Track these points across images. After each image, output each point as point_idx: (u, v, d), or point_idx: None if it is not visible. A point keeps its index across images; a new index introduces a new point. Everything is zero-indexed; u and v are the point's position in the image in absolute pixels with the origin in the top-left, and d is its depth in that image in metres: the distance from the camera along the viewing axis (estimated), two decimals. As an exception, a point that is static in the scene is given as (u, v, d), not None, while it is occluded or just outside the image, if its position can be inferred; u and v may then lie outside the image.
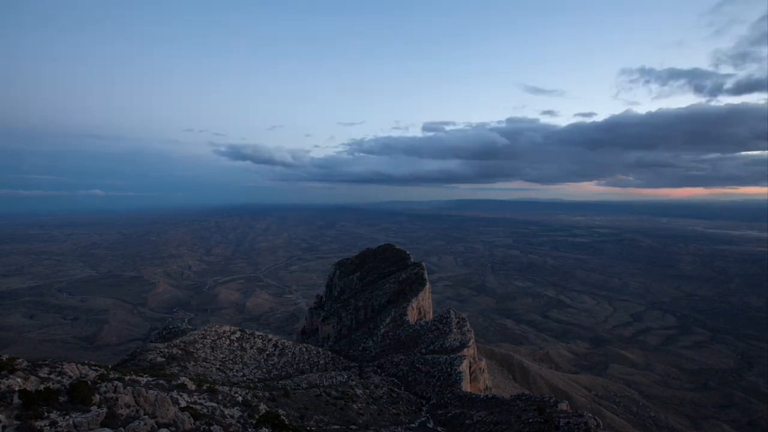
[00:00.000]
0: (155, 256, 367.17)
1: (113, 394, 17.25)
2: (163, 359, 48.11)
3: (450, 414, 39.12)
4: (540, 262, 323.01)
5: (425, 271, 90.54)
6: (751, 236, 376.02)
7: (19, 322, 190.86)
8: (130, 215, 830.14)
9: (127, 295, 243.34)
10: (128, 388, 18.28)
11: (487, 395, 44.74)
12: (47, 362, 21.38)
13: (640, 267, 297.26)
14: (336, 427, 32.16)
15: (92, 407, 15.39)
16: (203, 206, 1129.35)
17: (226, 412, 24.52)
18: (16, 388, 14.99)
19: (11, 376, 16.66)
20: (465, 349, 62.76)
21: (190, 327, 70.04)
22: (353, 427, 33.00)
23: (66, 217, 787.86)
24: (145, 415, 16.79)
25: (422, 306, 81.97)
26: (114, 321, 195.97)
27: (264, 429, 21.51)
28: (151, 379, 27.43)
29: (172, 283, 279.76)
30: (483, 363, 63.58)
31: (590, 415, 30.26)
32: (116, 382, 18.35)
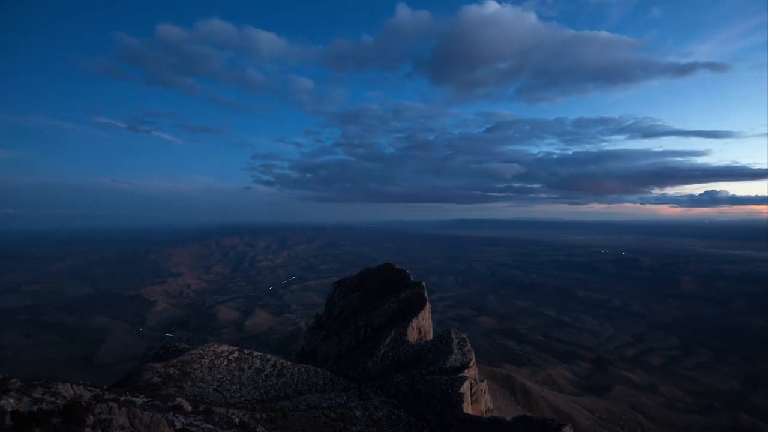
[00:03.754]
0: (155, 274, 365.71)
1: (108, 416, 16.92)
2: (160, 379, 47.40)
3: (451, 436, 38.36)
4: (540, 282, 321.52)
5: (425, 291, 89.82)
6: (751, 256, 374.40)
7: (15, 341, 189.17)
8: (131, 233, 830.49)
9: (125, 314, 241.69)
10: (123, 409, 17.94)
11: (488, 417, 43.99)
12: (41, 382, 21.02)
13: (641, 287, 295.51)
14: (335, 449, 31.53)
15: (86, 429, 15.07)
16: (204, 225, 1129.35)
17: (223, 434, 24.03)
18: (9, 409, 14.70)
19: (4, 396, 16.34)
20: (466, 370, 61.89)
21: (188, 347, 69.19)
22: (352, 449, 32.33)
23: (65, 234, 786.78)
24: (140, 436, 16.42)
25: (422, 326, 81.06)
26: (111, 340, 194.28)
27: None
28: (146, 399, 26.95)
29: (171, 302, 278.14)
30: (484, 384, 62.60)
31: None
32: (111, 403, 18.01)
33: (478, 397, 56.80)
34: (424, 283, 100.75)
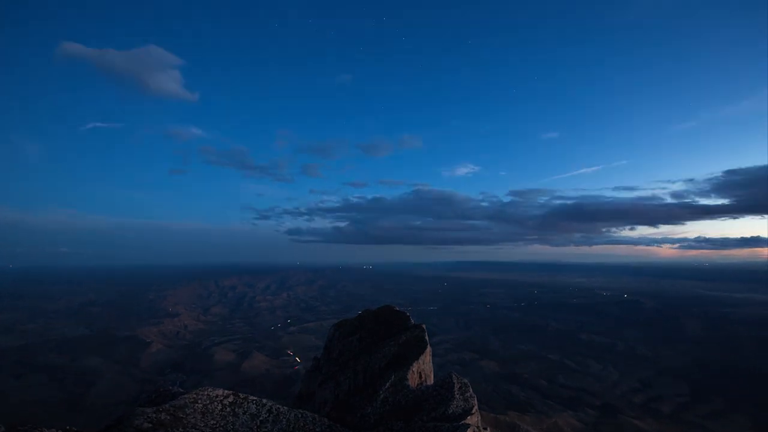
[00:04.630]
0: (152, 314, 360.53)
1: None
2: (150, 425, 45.09)
3: (454, 489, 36.03)
4: (542, 325, 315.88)
5: (426, 334, 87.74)
6: (757, 299, 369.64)
7: (3, 383, 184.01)
8: (132, 271, 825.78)
9: (118, 355, 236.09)
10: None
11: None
12: (26, 427, 19.82)
13: (645, 330, 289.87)
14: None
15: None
16: (205, 264, 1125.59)
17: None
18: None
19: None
20: (468, 417, 59.36)
21: (181, 390, 66.60)
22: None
23: (66, 272, 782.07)
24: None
25: (423, 370, 78.59)
26: (103, 382, 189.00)
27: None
28: (134, 447, 25.33)
29: (166, 343, 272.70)
30: (488, 432, 59.70)
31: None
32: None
33: (481, 446, 54.10)
34: (424, 326, 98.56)
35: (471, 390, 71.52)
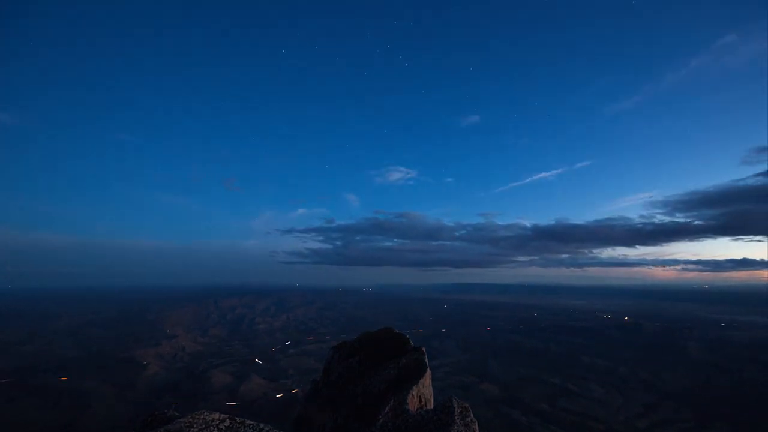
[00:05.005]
0: (150, 336, 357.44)
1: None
2: (146, 450, 44.85)
3: None
4: (543, 348, 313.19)
5: (426, 357, 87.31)
6: (759, 322, 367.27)
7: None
8: (133, 292, 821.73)
9: (114, 377, 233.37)
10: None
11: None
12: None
13: (647, 353, 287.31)
14: None
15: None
16: (205, 285, 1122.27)
17: None
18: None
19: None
20: (469, 442, 58.55)
21: (177, 414, 66.04)
22: None
23: (66, 292, 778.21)
24: None
25: (423, 394, 78.02)
26: (97, 406, 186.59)
27: None
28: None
29: (163, 365, 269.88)
30: (488, 458, 59.39)
31: None
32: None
33: (482, 472, 53.46)
34: (424, 349, 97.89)
35: (472, 414, 70.80)
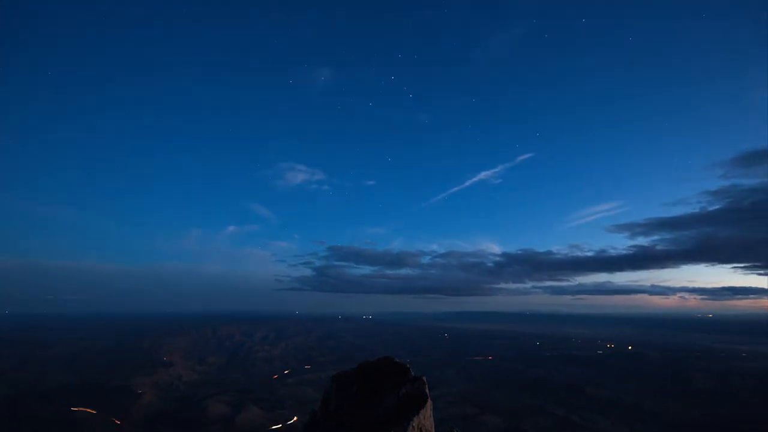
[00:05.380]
0: (147, 364, 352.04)
1: None
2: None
3: None
4: (547, 378, 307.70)
5: (426, 387, 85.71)
6: (764, 352, 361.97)
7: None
8: (130, 319, 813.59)
9: (107, 406, 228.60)
10: None
11: None
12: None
13: (652, 383, 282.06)
14: None
15: None
16: (203, 312, 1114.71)
17: None
18: None
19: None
20: (471, 474, 57.28)
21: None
22: None
23: (62, 318, 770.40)
24: None
25: (423, 425, 76.08)
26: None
27: None
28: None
29: (159, 394, 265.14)
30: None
31: None
32: None
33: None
34: (425, 378, 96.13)
35: (473, 445, 69.01)
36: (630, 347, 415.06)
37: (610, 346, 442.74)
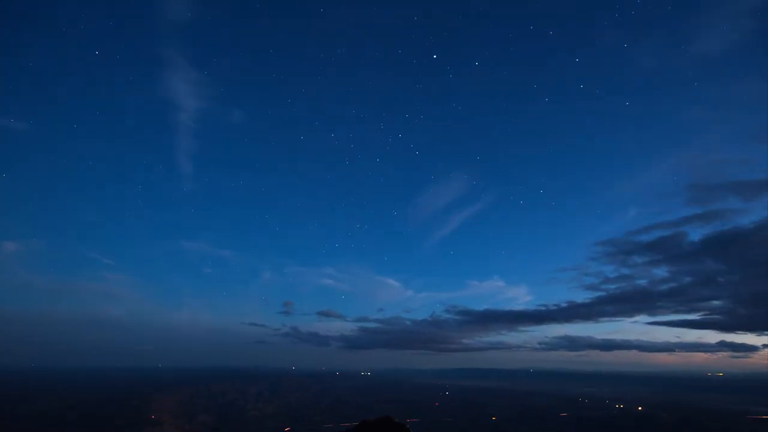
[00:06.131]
0: (133, 422, 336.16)
1: None
2: None
3: None
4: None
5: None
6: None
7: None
8: (120, 372, 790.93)
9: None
10: None
11: None
12: None
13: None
14: None
15: None
16: (195, 367, 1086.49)
17: None
18: None
19: None
20: None
21: None
22: None
23: (49, 372, 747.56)
24: None
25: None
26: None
27: None
28: None
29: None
30: None
31: None
32: None
33: None
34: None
35: None
36: (639, 408, 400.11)
37: (619, 406, 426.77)
